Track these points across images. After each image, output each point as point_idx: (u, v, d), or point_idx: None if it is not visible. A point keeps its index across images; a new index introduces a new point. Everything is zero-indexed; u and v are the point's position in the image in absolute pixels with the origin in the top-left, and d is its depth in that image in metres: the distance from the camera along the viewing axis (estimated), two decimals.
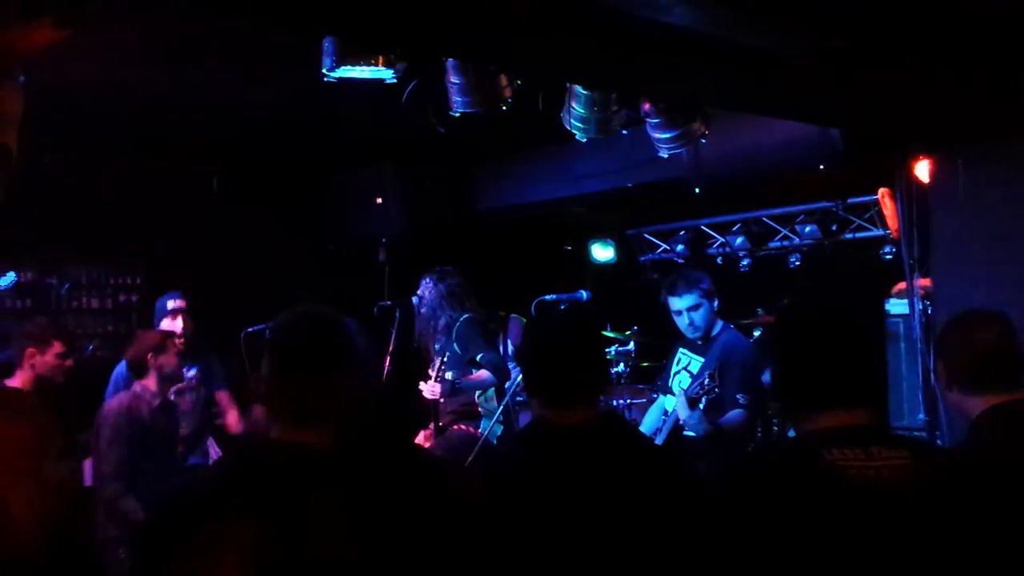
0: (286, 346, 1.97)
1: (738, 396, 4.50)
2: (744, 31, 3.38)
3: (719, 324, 4.72)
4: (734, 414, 4.51)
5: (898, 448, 1.92)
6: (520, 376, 4.31)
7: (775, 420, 6.69)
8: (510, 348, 7.15)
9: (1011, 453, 2.35)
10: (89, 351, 6.77)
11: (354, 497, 1.81)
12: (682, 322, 4.70)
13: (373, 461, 1.97)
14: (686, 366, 4.80)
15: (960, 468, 2.08)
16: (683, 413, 4.39)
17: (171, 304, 5.47)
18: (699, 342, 4.73)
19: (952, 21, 3.50)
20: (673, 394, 4.72)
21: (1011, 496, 2.12)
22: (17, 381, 4.33)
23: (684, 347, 4.84)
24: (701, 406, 4.42)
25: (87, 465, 4.58)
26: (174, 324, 5.37)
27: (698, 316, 4.64)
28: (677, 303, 4.68)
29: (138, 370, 4.46)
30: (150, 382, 4.42)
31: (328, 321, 1.99)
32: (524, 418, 5.35)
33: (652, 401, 5.42)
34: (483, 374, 5.08)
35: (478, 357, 5.09)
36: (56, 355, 4.40)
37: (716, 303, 4.69)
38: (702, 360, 4.67)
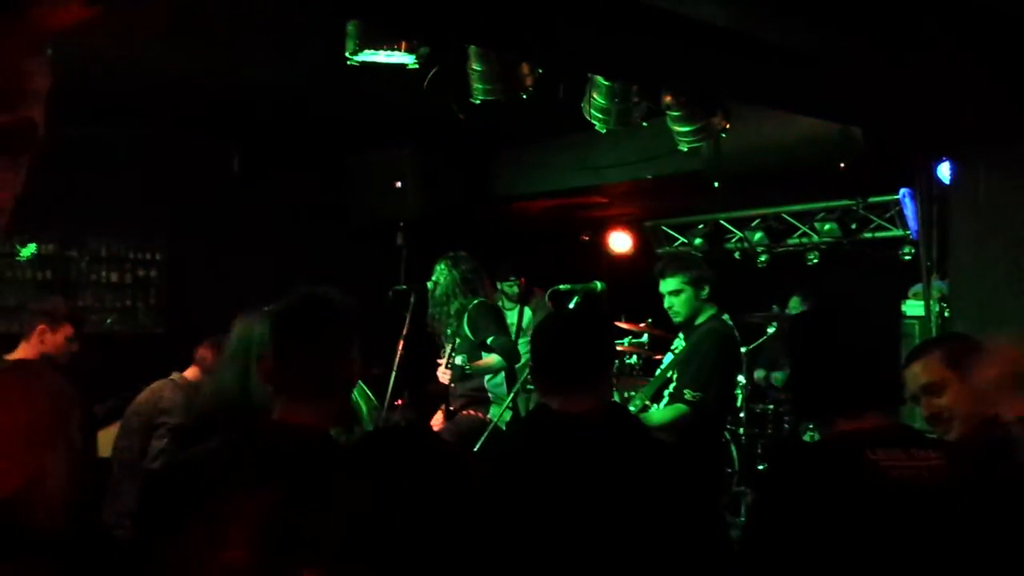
0: (282, 324, 2.02)
1: (685, 391, 4.20)
2: (768, 26, 3.38)
3: (709, 313, 4.42)
4: (668, 410, 4.26)
5: (932, 449, 2.02)
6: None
7: (787, 418, 6.68)
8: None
9: None
10: (107, 325, 6.84)
11: (358, 476, 1.83)
12: (665, 305, 4.48)
13: (381, 443, 1.99)
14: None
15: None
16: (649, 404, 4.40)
17: None
18: (688, 329, 4.47)
19: (976, 21, 3.48)
20: None
21: None
22: (20, 354, 4.37)
23: (683, 333, 4.58)
24: (663, 401, 4.34)
25: (100, 437, 4.65)
26: None
27: (678, 302, 4.39)
28: (661, 286, 4.46)
29: None
30: None
31: (326, 301, 2.01)
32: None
33: None
34: (493, 358, 5.11)
35: (488, 340, 5.10)
36: (66, 337, 4.41)
37: (706, 291, 4.39)
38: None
